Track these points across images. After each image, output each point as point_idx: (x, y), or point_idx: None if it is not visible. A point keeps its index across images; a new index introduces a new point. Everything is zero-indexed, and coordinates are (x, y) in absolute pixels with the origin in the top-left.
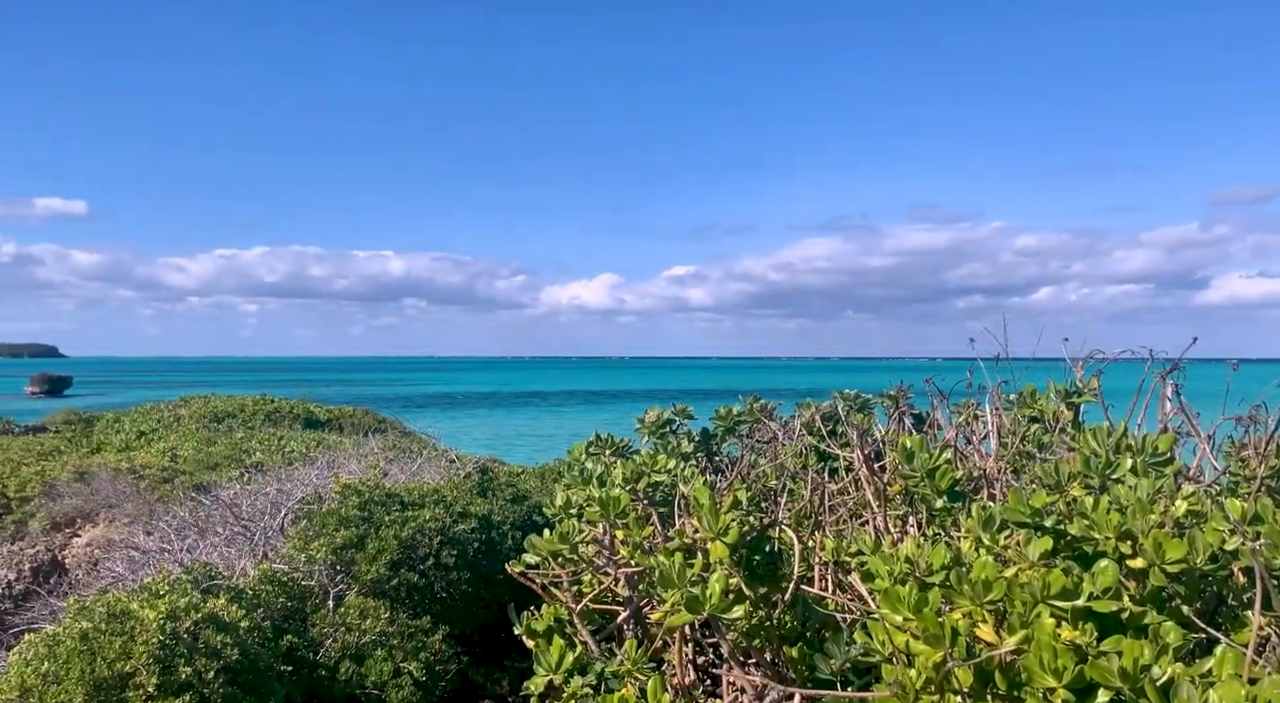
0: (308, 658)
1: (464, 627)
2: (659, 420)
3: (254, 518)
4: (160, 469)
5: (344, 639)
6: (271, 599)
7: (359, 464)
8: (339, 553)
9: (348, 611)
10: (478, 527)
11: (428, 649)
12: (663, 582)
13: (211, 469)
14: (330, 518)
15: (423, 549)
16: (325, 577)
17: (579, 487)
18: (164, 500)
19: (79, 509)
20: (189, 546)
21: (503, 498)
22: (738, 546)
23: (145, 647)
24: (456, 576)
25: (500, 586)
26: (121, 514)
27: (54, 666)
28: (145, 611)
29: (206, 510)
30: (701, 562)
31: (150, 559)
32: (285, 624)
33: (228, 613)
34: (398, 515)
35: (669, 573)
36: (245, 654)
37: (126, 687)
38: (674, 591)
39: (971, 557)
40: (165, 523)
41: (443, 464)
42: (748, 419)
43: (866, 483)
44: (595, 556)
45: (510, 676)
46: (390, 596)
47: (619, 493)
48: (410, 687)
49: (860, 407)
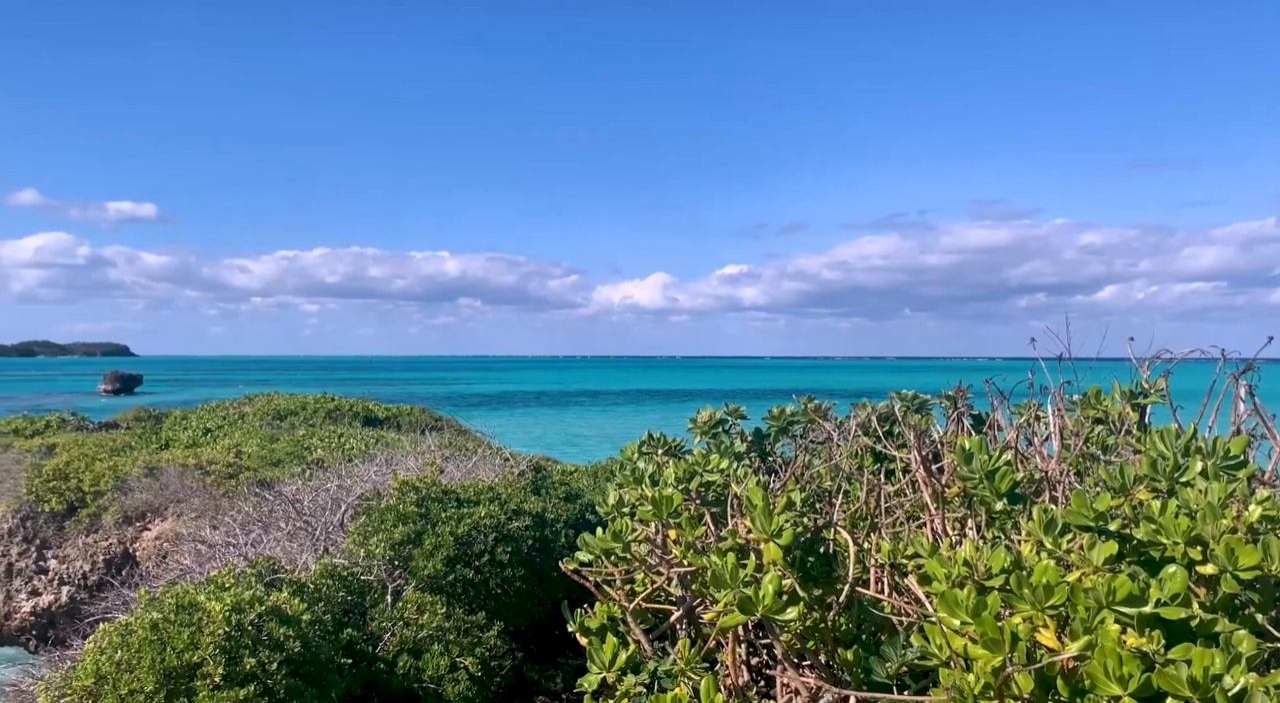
0: (367, 652)
1: (518, 623)
2: (711, 420)
3: (315, 513)
4: (226, 465)
5: (402, 634)
6: (332, 593)
7: (416, 462)
8: (397, 549)
9: (405, 606)
10: (531, 524)
11: (483, 645)
12: (715, 582)
13: (274, 466)
14: (389, 514)
15: (478, 546)
16: (384, 572)
17: (631, 486)
18: (229, 496)
19: (149, 504)
20: (253, 540)
21: (556, 496)
22: (791, 547)
23: (212, 638)
24: (511, 572)
25: (554, 583)
26: (189, 509)
27: (126, 654)
28: (212, 603)
29: (270, 506)
30: (754, 563)
31: (216, 553)
32: (345, 618)
33: (290, 606)
34: (454, 512)
35: (722, 573)
36: (307, 647)
37: (194, 676)
38: (727, 591)
39: (1032, 560)
40: (230, 518)
41: (497, 462)
42: (802, 420)
43: (924, 485)
44: (648, 555)
45: (564, 672)
46: (447, 591)
47: (671, 492)
48: (466, 682)
49: (918, 407)
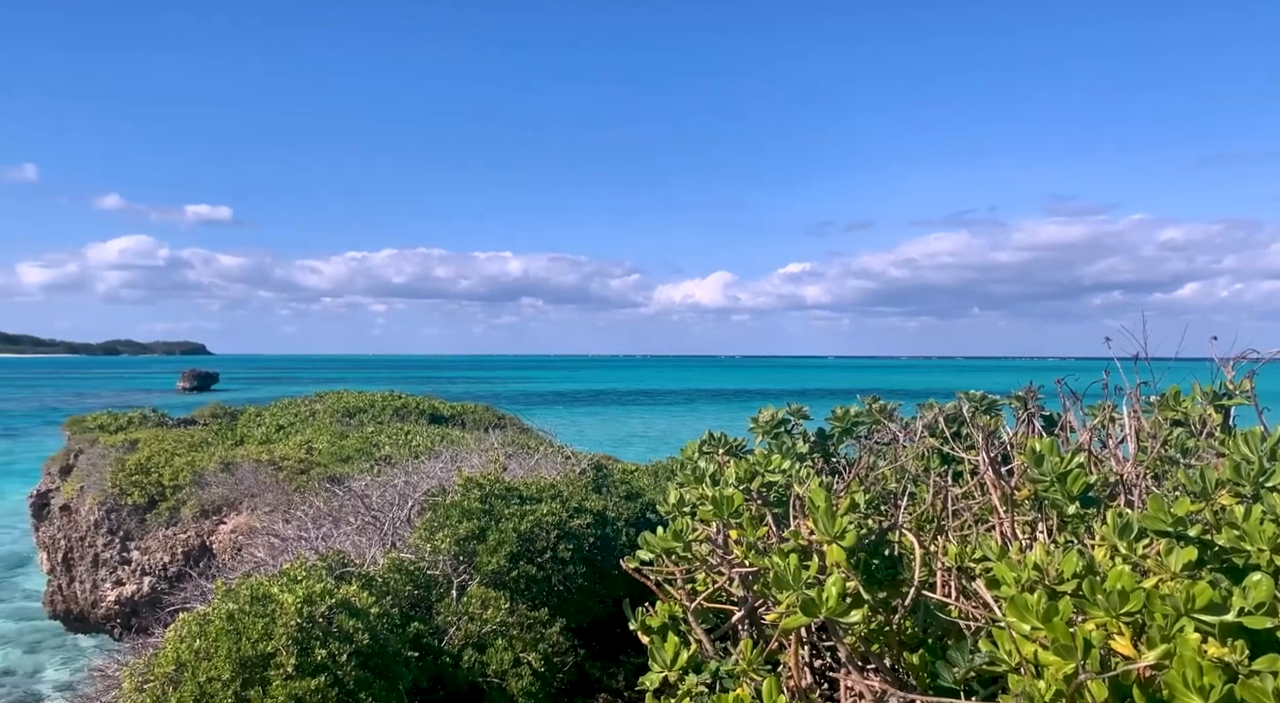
0: (433, 645)
1: (580, 620)
2: (773, 420)
3: (383, 509)
4: (297, 461)
5: (467, 628)
6: (399, 587)
7: (480, 459)
8: (462, 544)
9: (470, 600)
10: (593, 522)
11: (546, 641)
12: (778, 583)
13: (344, 462)
14: (453, 510)
15: (540, 543)
16: (449, 567)
17: (692, 485)
18: (301, 491)
19: (224, 498)
20: (324, 534)
21: (617, 495)
22: (855, 549)
23: (285, 629)
24: (573, 569)
25: (615, 581)
26: (262, 503)
27: (204, 643)
28: (285, 595)
29: (340, 501)
30: (817, 564)
31: (289, 546)
32: (412, 612)
33: (359, 599)
34: (516, 509)
35: (784, 574)
36: (375, 639)
37: (268, 666)
38: (789, 592)
39: (1106, 566)
40: (302, 512)
41: (559, 460)
42: (866, 420)
43: (993, 487)
44: (709, 554)
45: (625, 670)
46: (510, 587)
47: (732, 492)
48: (530, 677)
49: (986, 408)
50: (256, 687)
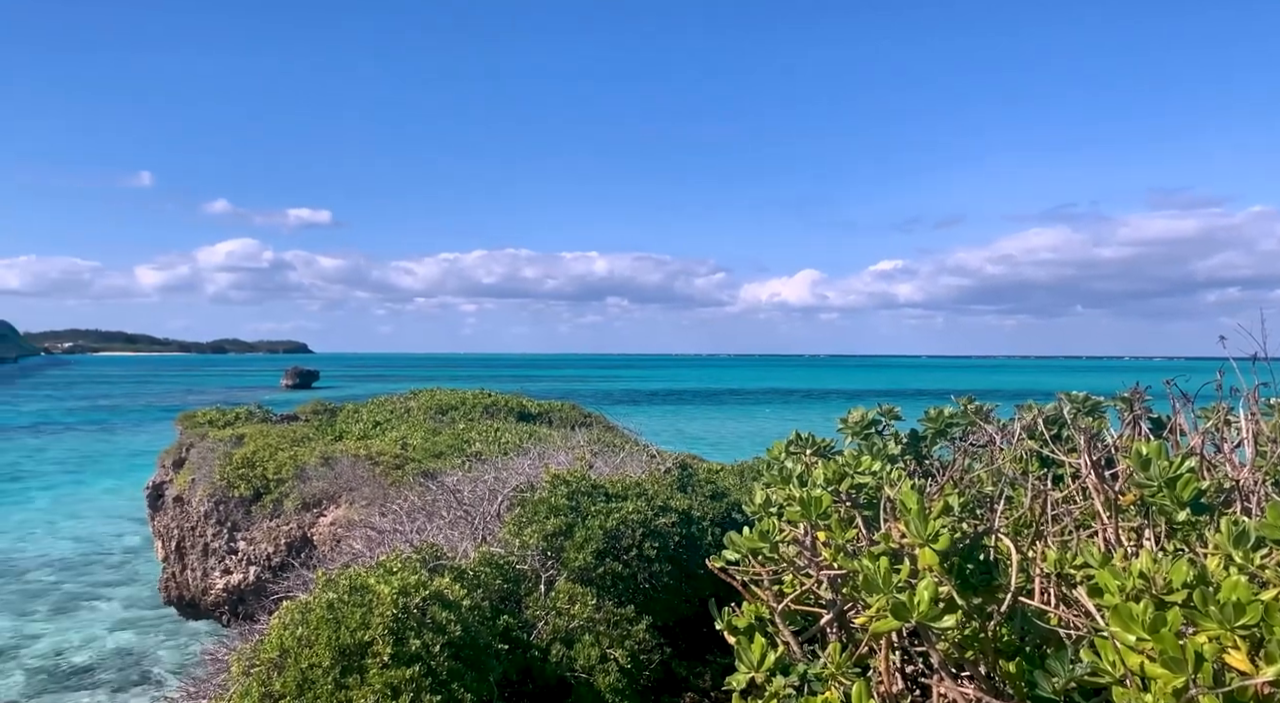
0: (522, 638)
1: (666, 619)
2: (863, 421)
3: (474, 503)
4: (393, 457)
5: (555, 623)
6: (490, 581)
7: (567, 456)
8: (549, 540)
9: (558, 596)
10: (678, 521)
11: (632, 638)
12: (867, 586)
13: (437, 457)
14: (541, 506)
15: (626, 540)
16: (537, 562)
17: (779, 486)
18: (396, 485)
19: (324, 491)
20: (417, 527)
21: (702, 494)
22: (948, 552)
23: (381, 619)
24: (658, 568)
25: (700, 580)
26: (360, 497)
27: (306, 631)
28: (381, 586)
29: (433, 495)
30: (909, 568)
31: (385, 538)
32: (502, 605)
33: (451, 592)
34: (603, 507)
35: (874, 577)
36: (467, 631)
37: (366, 654)
38: (879, 596)
39: (1220, 576)
40: (397, 506)
41: (644, 459)
42: (961, 421)
43: (1095, 492)
44: (796, 556)
45: (712, 670)
46: (596, 583)
47: (821, 493)
48: (616, 673)
49: (1089, 409)
50: (355, 674)
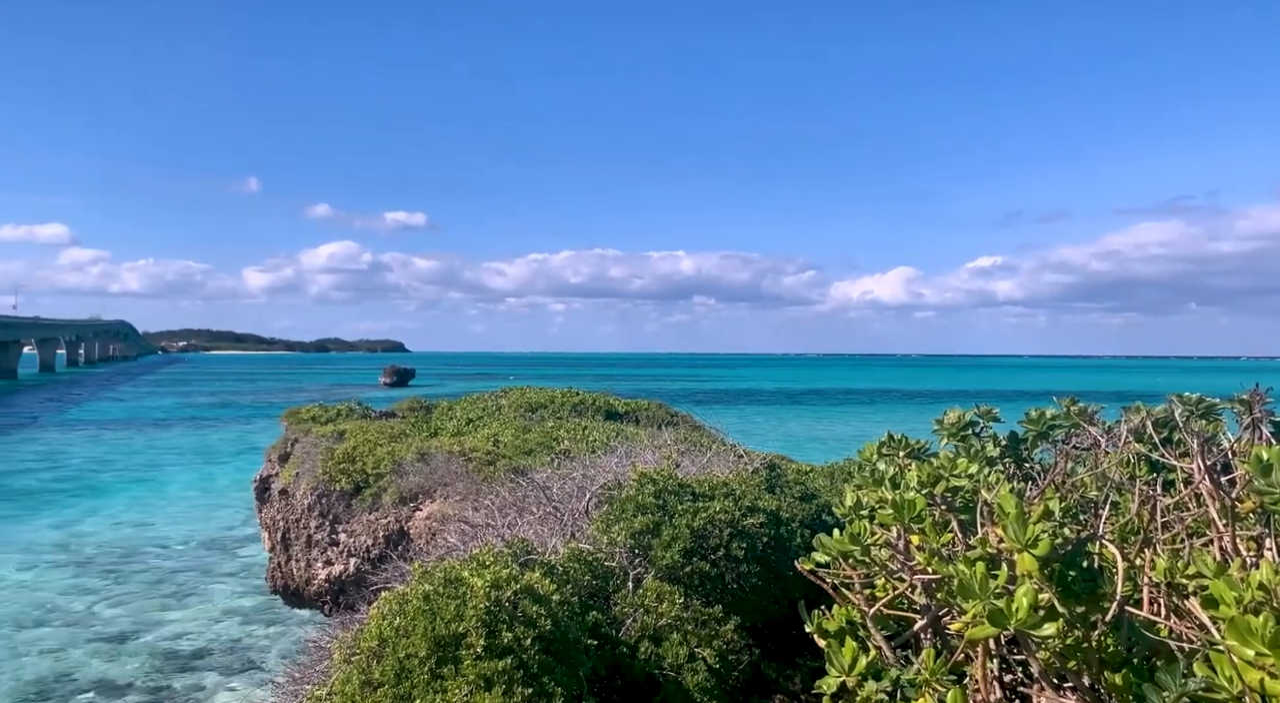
0: (610, 635)
1: (754, 620)
2: (960, 422)
3: (563, 500)
4: (485, 453)
5: (643, 620)
6: (578, 577)
7: (653, 455)
8: (637, 538)
9: (646, 593)
10: (766, 522)
11: (720, 638)
12: (963, 592)
13: (527, 454)
14: (629, 504)
15: (713, 540)
16: (625, 559)
17: (870, 488)
18: (488, 481)
19: (420, 486)
20: (509, 522)
21: (791, 495)
22: (1049, 559)
23: (475, 611)
24: (746, 568)
25: (790, 582)
26: (454, 492)
27: (403, 621)
28: (474, 579)
29: (523, 491)
30: (1006, 574)
31: (477, 533)
32: (590, 601)
33: (541, 586)
34: (689, 506)
35: (970, 583)
36: (557, 625)
37: (460, 646)
38: (975, 602)
39: None
40: (489, 501)
41: (731, 459)
42: (1064, 423)
43: (1210, 498)
44: (889, 559)
45: (802, 673)
46: (684, 582)
47: (914, 496)
48: (705, 672)
49: (1203, 412)
50: (449, 665)
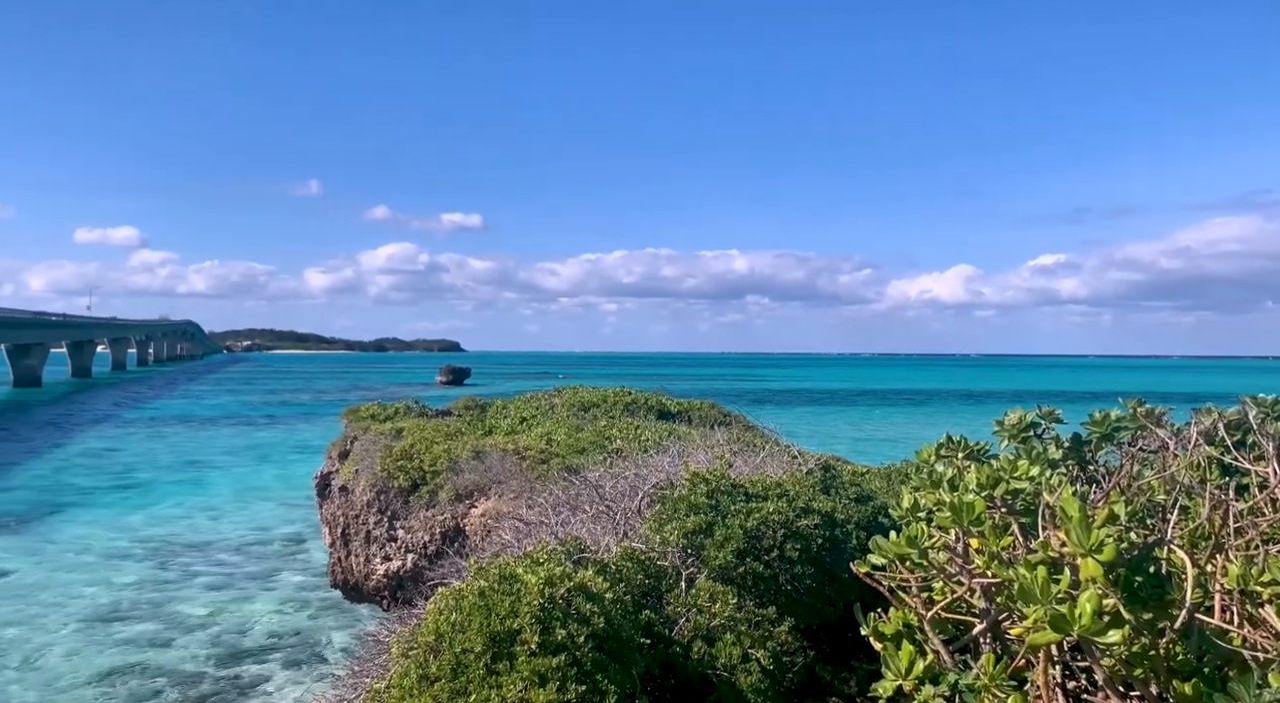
0: (663, 634)
1: (809, 621)
2: (1021, 423)
3: (615, 499)
4: (539, 451)
5: (696, 620)
6: (631, 575)
7: (706, 455)
8: (689, 537)
9: (699, 593)
10: (821, 523)
11: (774, 639)
12: (1023, 596)
13: (580, 453)
14: (681, 504)
15: (767, 541)
16: (677, 559)
17: (928, 490)
18: (541, 479)
19: (475, 484)
20: (562, 520)
21: (846, 497)
22: (1114, 564)
23: (529, 608)
24: (800, 570)
25: (845, 584)
26: (508, 490)
27: (459, 617)
28: (528, 575)
29: (576, 490)
30: (1069, 578)
31: (531, 530)
32: (643, 600)
33: (595, 584)
34: (742, 506)
35: (1030, 587)
36: (610, 624)
37: (514, 642)
38: (1037, 607)
39: None
40: (543, 499)
41: (785, 459)
42: (1130, 425)
43: None
44: (946, 562)
45: (858, 676)
46: (737, 583)
47: (973, 499)
48: (759, 673)
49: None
50: (504, 660)
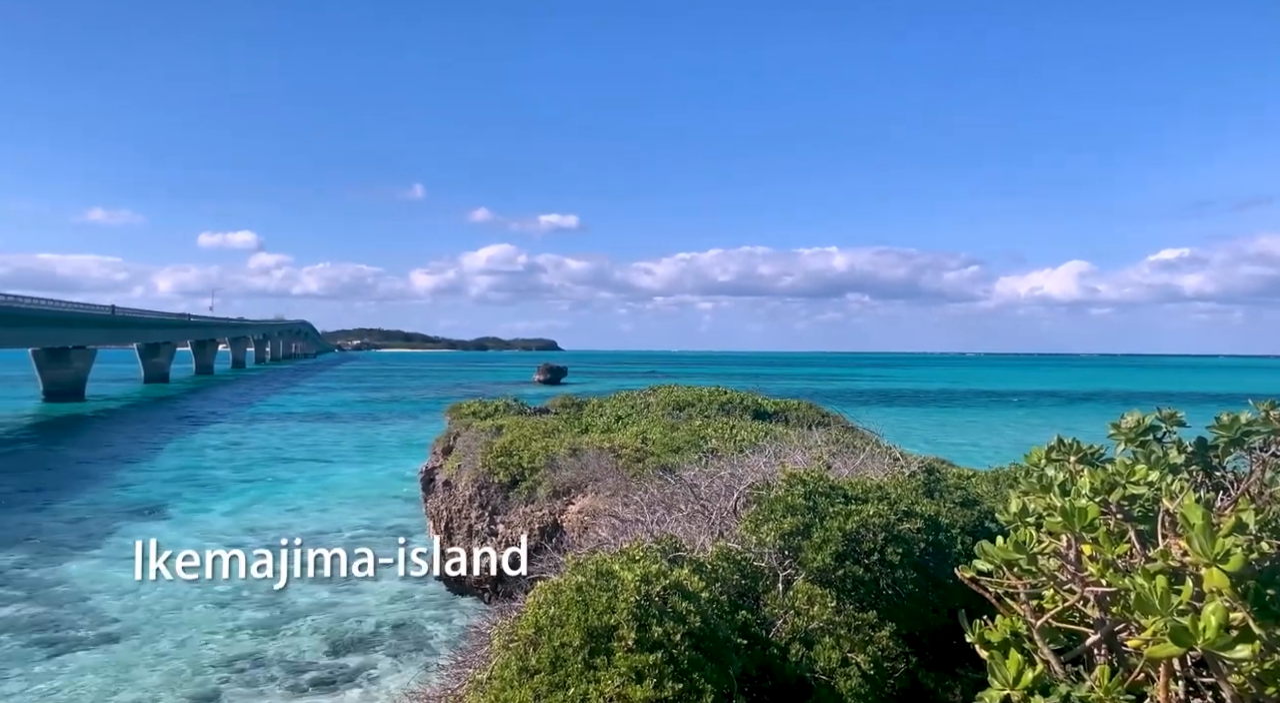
0: (760, 635)
1: (911, 627)
2: (1139, 426)
3: (710, 499)
4: (634, 450)
5: (793, 622)
6: (727, 575)
7: (804, 456)
8: (786, 539)
9: (796, 595)
10: (924, 527)
11: (875, 644)
12: (1141, 607)
13: (675, 452)
14: (778, 505)
15: (867, 544)
16: (774, 560)
17: (1038, 494)
18: (636, 477)
19: (572, 481)
20: (657, 519)
21: (951, 500)
22: (1242, 575)
23: (625, 604)
24: (902, 574)
25: (949, 590)
26: (604, 487)
27: (558, 611)
28: (625, 572)
29: (671, 488)
30: (1191, 589)
31: (627, 528)
32: (739, 600)
33: (690, 583)
34: (841, 508)
35: (1149, 597)
36: (706, 623)
37: (611, 637)
38: (1156, 618)
39: None
40: (638, 497)
41: (886, 462)
42: (1261, 429)
43: None
44: (1057, 570)
45: (962, 684)
46: (835, 586)
47: (1087, 504)
48: (858, 678)
49: None
50: (602, 655)
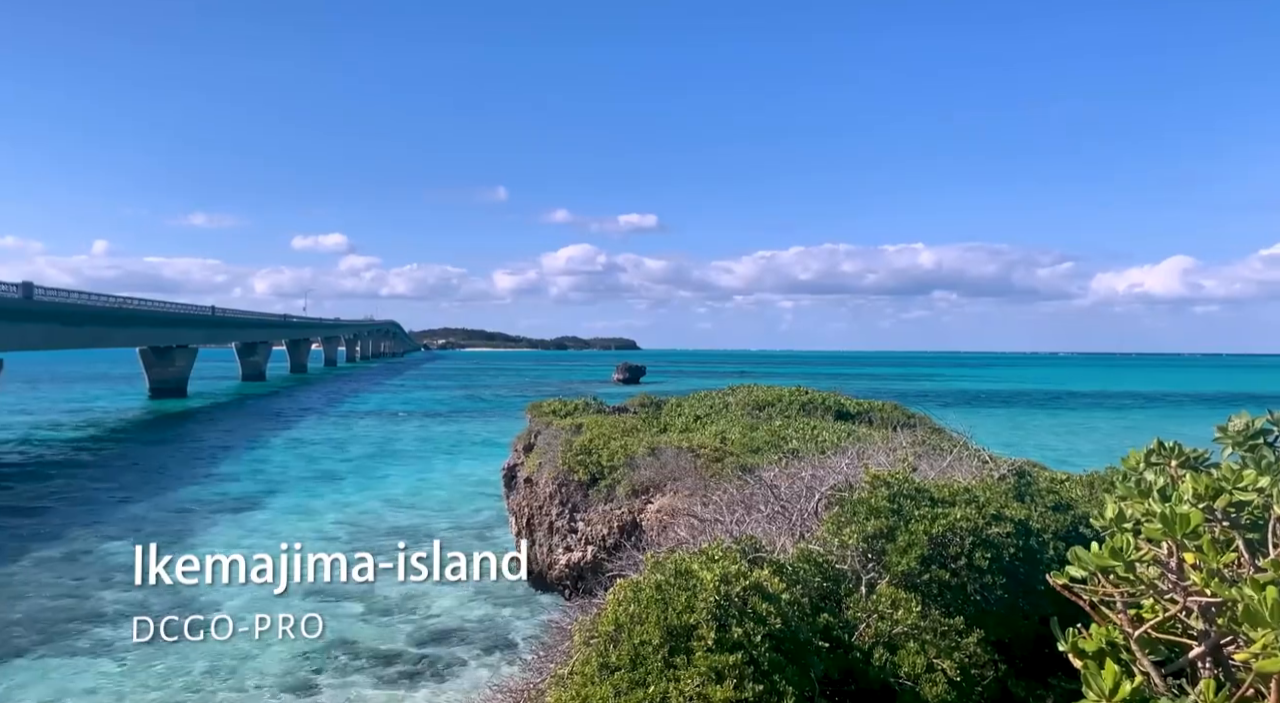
0: (842, 639)
1: (1000, 634)
2: (1248, 429)
3: (791, 500)
4: (713, 450)
5: (877, 626)
6: (809, 577)
7: (887, 457)
8: (869, 541)
9: (880, 599)
10: (1014, 532)
11: (961, 650)
12: (1250, 619)
13: (754, 453)
14: (860, 507)
15: (954, 548)
16: (857, 563)
17: (1135, 499)
18: (715, 477)
19: (651, 480)
20: (736, 519)
21: (1043, 504)
22: None
23: (704, 604)
24: (991, 580)
25: (1040, 596)
26: (683, 487)
27: (637, 609)
28: (704, 572)
29: (750, 489)
30: None
31: (706, 527)
32: (821, 603)
33: (771, 584)
34: (927, 511)
35: (1259, 609)
36: (786, 624)
37: (691, 637)
38: (1266, 631)
39: None
40: (718, 497)
41: (974, 464)
42: None
43: None
44: (1157, 578)
45: (1055, 694)
46: (920, 590)
47: (1189, 510)
48: (944, 684)
49: None
50: (681, 655)
